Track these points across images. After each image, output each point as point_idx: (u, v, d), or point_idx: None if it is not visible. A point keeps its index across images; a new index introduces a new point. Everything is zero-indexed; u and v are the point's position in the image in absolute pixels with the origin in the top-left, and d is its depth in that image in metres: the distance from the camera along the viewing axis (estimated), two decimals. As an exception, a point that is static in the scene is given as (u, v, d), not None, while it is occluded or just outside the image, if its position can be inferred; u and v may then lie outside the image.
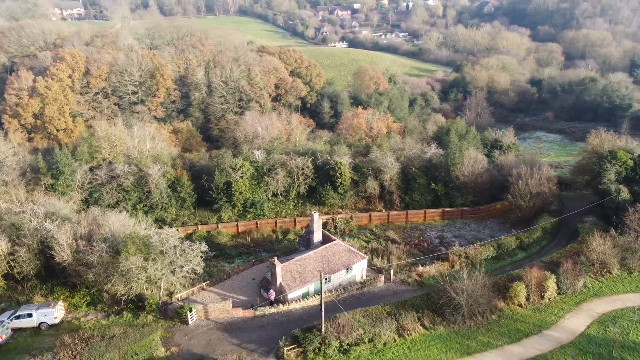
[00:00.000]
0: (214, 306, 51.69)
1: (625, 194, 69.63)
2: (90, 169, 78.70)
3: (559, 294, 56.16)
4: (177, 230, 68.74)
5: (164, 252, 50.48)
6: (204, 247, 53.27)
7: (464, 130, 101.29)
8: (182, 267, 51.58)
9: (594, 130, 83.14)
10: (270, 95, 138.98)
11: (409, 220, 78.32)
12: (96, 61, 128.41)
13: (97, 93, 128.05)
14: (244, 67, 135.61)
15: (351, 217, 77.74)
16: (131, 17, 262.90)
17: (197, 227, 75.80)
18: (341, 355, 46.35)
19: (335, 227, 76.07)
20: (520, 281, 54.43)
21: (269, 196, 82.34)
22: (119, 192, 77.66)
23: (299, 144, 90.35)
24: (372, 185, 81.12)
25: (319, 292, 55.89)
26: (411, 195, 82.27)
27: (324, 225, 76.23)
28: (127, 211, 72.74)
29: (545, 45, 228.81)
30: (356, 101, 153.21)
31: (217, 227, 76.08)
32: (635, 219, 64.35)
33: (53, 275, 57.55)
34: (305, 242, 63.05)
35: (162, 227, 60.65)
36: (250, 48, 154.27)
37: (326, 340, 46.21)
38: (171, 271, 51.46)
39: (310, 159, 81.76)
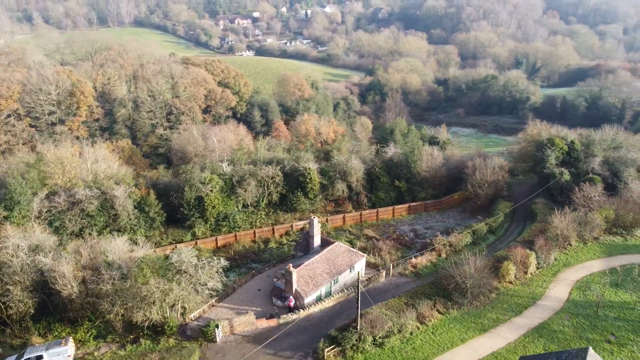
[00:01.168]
0: (239, 320, 51.43)
1: (567, 175, 79.38)
2: (47, 196, 73.19)
3: (537, 268, 63.04)
4: (154, 251, 66.54)
5: (183, 271, 49.32)
6: (223, 262, 52.72)
7: (406, 129, 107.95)
8: (205, 284, 50.67)
9: (531, 122, 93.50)
10: (200, 107, 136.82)
11: (379, 218, 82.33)
12: (4, 81, 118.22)
13: (8, 116, 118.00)
14: (170, 79, 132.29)
15: (327, 220, 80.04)
16: (19, 32, 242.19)
17: (175, 246, 73.49)
18: (377, 348, 48.66)
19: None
20: (509, 260, 60.42)
21: (240, 207, 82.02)
22: (82, 219, 73.01)
23: (261, 154, 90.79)
24: (341, 188, 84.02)
25: (329, 295, 57.96)
26: (376, 194, 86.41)
27: (301, 229, 78.06)
28: (94, 237, 68.81)
29: (443, 47, 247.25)
30: (284, 108, 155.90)
31: (196, 243, 74.49)
32: (581, 196, 73.82)
33: (46, 312, 53.47)
34: (303, 248, 64.36)
35: (176, 246, 58.59)
36: (174, 60, 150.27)
37: (361, 337, 48.26)
38: (195, 290, 50.34)
39: (279, 167, 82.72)
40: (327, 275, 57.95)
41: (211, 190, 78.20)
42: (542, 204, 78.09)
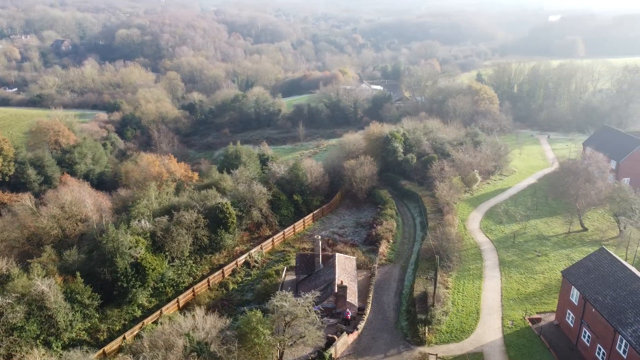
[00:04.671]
0: (338, 343, 53.15)
1: (414, 159, 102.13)
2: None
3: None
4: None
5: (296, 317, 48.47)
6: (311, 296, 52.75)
7: (249, 152, 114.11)
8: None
9: (374, 121, 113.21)
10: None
11: (296, 232, 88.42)
12: None
13: None
14: None
15: (261, 247, 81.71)
16: None
17: (143, 323, 64.06)
18: (444, 317, 58.86)
19: (256, 261, 79.09)
20: (449, 225, 78.08)
21: (167, 264, 75.50)
22: (7, 335, 56.44)
23: (163, 201, 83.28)
24: (256, 215, 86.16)
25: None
26: (280, 212, 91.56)
27: (246, 264, 78.42)
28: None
29: (166, 74, 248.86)
30: (58, 161, 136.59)
31: (161, 313, 66.32)
32: (436, 171, 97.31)
33: None
34: (305, 269, 66.97)
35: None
36: None
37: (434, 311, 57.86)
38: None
39: (197, 210, 79.27)
40: (353, 283, 63.68)
41: (144, 252, 70.19)
42: (409, 184, 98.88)
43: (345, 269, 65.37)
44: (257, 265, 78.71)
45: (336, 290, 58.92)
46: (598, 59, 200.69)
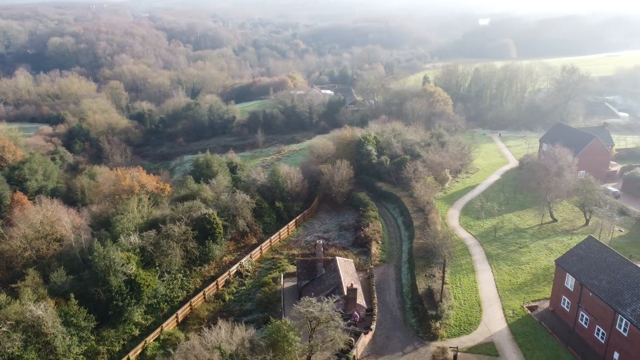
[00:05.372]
0: (359, 344, 53.93)
1: (387, 161, 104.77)
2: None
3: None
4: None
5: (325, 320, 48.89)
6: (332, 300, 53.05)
7: (219, 161, 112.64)
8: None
9: (346, 126, 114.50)
10: None
11: (281, 239, 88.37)
12: None
13: None
14: None
15: (250, 256, 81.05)
16: None
17: (145, 342, 61.99)
18: (450, 310, 61.19)
19: (247, 270, 78.49)
20: (432, 222, 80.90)
21: (158, 278, 73.38)
22: None
23: (146, 214, 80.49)
24: (242, 223, 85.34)
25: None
26: (263, 219, 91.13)
27: (238, 273, 77.72)
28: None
29: (109, 84, 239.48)
30: (7, 179, 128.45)
31: (161, 330, 64.40)
32: (410, 171, 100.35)
33: None
34: (308, 273, 67.22)
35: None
36: None
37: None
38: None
39: (184, 222, 77.52)
40: (357, 284, 64.70)
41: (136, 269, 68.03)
42: (386, 185, 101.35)
43: (347, 271, 66.34)
44: (249, 274, 78.05)
45: (346, 293, 59.71)
46: (535, 60, 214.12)
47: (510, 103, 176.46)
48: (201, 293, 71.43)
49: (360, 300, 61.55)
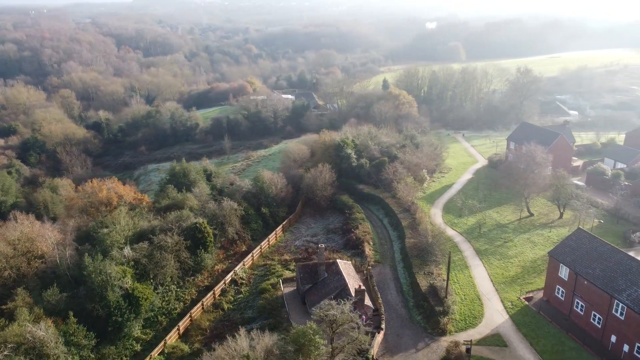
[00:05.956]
0: (374, 343, 54.75)
1: (367, 164, 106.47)
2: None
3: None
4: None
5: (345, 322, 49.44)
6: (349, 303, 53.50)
7: (197, 169, 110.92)
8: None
9: (324, 130, 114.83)
10: None
11: (270, 245, 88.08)
12: None
13: None
14: None
15: (243, 264, 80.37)
16: None
17: (151, 356, 60.38)
18: (454, 306, 63.14)
19: (242, 278, 77.88)
20: (421, 222, 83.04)
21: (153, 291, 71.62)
22: None
23: (133, 226, 78.03)
24: (231, 231, 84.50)
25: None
26: (250, 226, 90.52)
27: (233, 282, 77.04)
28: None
29: (59, 93, 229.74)
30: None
31: (165, 344, 62.87)
32: (390, 173, 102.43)
33: None
34: (310, 278, 67.39)
35: None
36: None
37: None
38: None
39: (175, 232, 76.01)
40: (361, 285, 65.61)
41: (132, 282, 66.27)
42: (367, 187, 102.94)
43: (349, 273, 67.12)
44: (243, 282, 77.38)
45: (354, 295, 60.45)
46: (483, 62, 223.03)
47: (469, 104, 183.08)
48: (199, 304, 70.16)
49: (367, 300, 62.44)
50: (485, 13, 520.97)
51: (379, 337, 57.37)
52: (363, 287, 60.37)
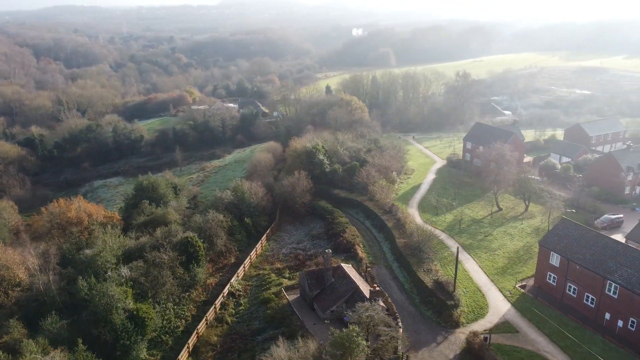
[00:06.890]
0: (400, 342, 56.32)
1: (340, 169, 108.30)
2: None
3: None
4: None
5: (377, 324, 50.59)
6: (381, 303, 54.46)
7: (166, 183, 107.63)
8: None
9: (294, 137, 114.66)
10: None
11: (258, 254, 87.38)
12: None
13: None
14: None
15: (237, 275, 79.22)
16: None
17: (166, 379, 58.28)
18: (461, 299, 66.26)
19: (238, 290, 76.87)
20: (405, 222, 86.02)
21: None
22: None
23: (122, 244, 74.24)
24: (220, 243, 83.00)
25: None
26: (235, 237, 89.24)
27: (231, 294, 75.95)
28: None
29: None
30: None
31: (176, 364, 60.90)
32: (364, 177, 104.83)
33: None
34: (317, 284, 67.75)
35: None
36: None
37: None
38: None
39: (168, 248, 73.62)
40: (367, 287, 67.03)
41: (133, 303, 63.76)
42: (341, 193, 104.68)
43: (355, 276, 68.33)
44: (240, 293, 76.29)
45: (369, 296, 61.71)
46: (412, 67, 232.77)
47: (414, 107, 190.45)
48: (203, 319, 68.37)
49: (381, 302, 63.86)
50: (410, 20, 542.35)
51: (402, 335, 59.03)
52: (378, 288, 61.77)
